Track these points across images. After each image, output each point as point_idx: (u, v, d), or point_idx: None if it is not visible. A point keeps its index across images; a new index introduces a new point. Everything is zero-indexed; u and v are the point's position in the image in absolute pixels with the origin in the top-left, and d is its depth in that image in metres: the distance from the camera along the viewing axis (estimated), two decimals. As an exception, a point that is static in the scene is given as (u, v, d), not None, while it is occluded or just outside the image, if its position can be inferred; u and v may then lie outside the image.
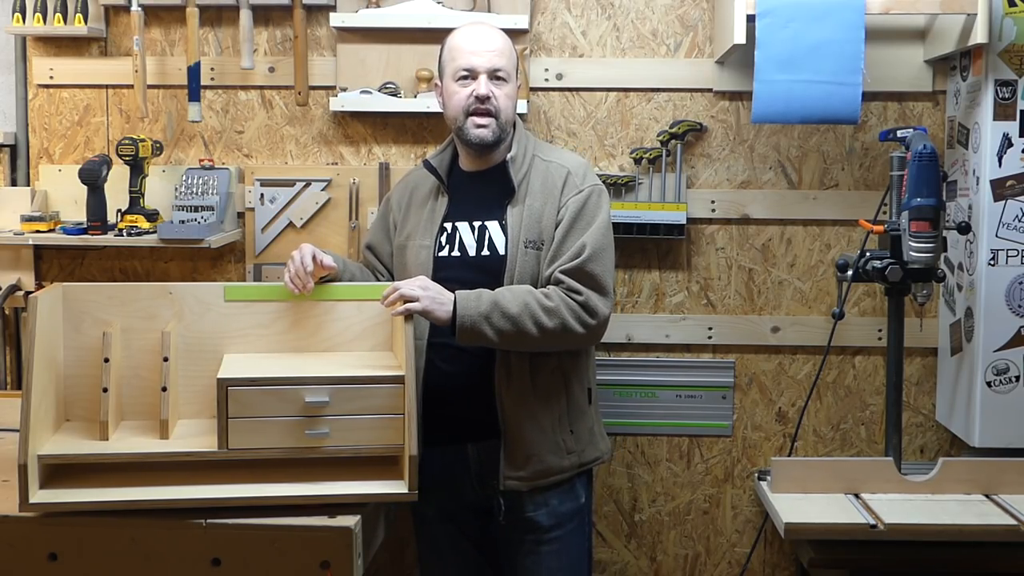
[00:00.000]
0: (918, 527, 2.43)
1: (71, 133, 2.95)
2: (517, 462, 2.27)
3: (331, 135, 2.92)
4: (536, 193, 2.29)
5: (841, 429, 2.93)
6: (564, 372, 2.31)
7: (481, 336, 2.17)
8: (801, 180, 2.88)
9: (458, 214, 2.34)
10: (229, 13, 2.89)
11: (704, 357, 2.93)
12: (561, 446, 2.30)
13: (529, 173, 2.32)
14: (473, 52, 2.28)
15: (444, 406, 2.29)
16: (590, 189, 2.30)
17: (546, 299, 2.19)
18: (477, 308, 2.16)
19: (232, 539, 2.02)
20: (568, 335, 2.20)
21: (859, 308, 2.89)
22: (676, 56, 2.86)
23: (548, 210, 2.28)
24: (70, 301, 2.24)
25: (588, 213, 2.27)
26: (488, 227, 2.30)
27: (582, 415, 2.35)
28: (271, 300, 2.33)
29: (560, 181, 2.29)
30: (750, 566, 2.94)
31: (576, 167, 2.33)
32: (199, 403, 2.27)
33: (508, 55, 2.31)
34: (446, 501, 2.37)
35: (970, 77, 2.67)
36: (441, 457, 2.32)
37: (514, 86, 2.33)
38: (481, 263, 2.29)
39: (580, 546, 2.40)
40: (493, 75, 2.28)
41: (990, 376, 2.62)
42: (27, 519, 2.02)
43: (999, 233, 2.60)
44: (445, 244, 2.33)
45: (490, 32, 2.33)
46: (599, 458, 2.41)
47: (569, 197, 2.28)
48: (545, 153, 2.37)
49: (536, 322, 2.17)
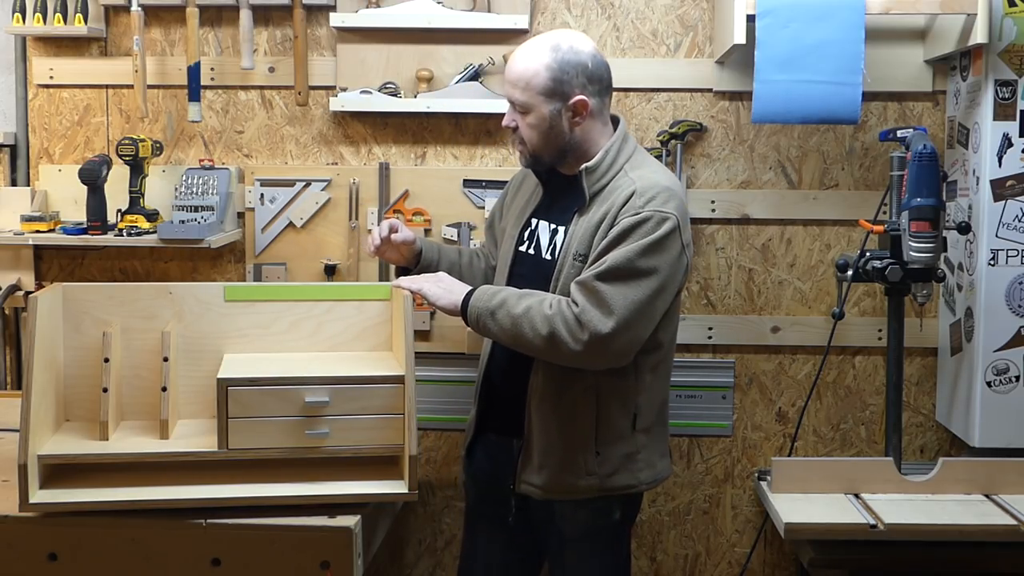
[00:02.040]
0: (918, 527, 2.43)
1: (71, 133, 2.95)
2: (530, 468, 2.24)
3: (331, 135, 2.92)
4: (603, 207, 2.18)
5: (841, 429, 2.93)
6: (600, 392, 2.19)
7: (486, 330, 2.18)
8: (801, 180, 2.88)
9: (543, 213, 2.32)
10: (229, 13, 2.89)
11: (704, 357, 2.93)
12: (581, 466, 2.20)
13: (608, 186, 2.19)
14: (504, 79, 2.26)
15: (501, 398, 2.32)
16: (651, 213, 2.10)
17: (548, 307, 2.11)
18: (487, 303, 2.16)
19: (232, 539, 2.02)
20: (560, 346, 2.08)
21: (859, 308, 2.89)
22: (676, 56, 2.86)
23: (603, 226, 2.15)
24: (70, 301, 2.24)
25: (635, 235, 2.09)
26: (559, 231, 2.25)
27: (618, 439, 2.21)
28: (271, 300, 2.33)
29: (623, 198, 2.14)
30: (750, 566, 2.94)
31: (646, 187, 2.14)
32: (199, 403, 2.27)
33: (524, 86, 2.18)
34: (491, 488, 2.36)
35: (970, 77, 2.67)
36: (491, 446, 2.34)
37: (540, 114, 2.18)
38: (545, 265, 2.25)
39: (610, 564, 2.33)
40: (514, 107, 2.22)
41: (990, 376, 2.62)
42: (27, 519, 2.03)
43: (999, 233, 2.60)
44: (526, 239, 2.32)
45: (520, 57, 2.21)
46: (634, 486, 2.25)
47: (625, 216, 2.11)
48: (634, 168, 2.21)
49: (532, 326, 2.10)
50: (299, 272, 2.91)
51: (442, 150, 2.91)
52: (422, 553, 3.00)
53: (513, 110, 2.23)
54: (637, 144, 2.30)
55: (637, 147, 2.28)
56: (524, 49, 2.22)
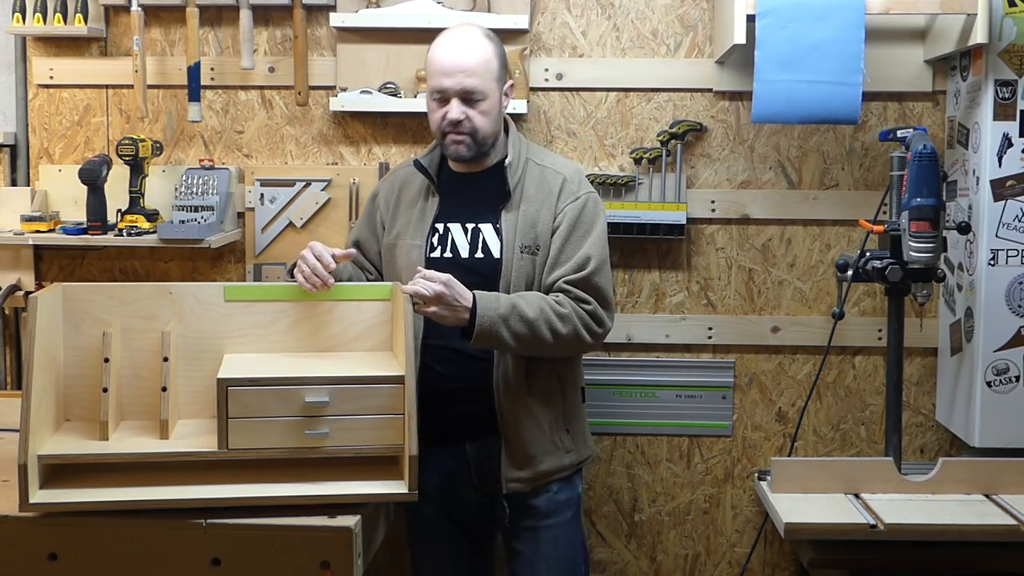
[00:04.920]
0: (918, 527, 2.43)
1: (71, 133, 2.95)
2: (519, 463, 2.28)
3: (331, 135, 2.92)
4: (531, 198, 2.29)
5: (841, 429, 2.93)
6: (559, 374, 2.34)
7: (497, 338, 2.17)
8: (801, 180, 2.88)
9: (450, 215, 2.33)
10: (229, 13, 2.89)
11: (704, 357, 2.93)
12: (560, 445, 2.33)
13: (524, 177, 2.31)
14: (445, 73, 2.21)
15: (442, 407, 2.29)
16: (586, 196, 2.31)
17: (559, 306, 2.21)
18: (496, 309, 2.16)
19: (232, 539, 2.02)
20: (579, 343, 2.24)
21: (859, 308, 2.89)
22: (676, 56, 2.86)
23: (544, 215, 2.28)
24: (70, 301, 2.24)
25: (586, 221, 2.29)
26: (482, 229, 2.30)
27: (577, 414, 2.39)
28: (271, 300, 2.33)
29: (556, 187, 2.30)
30: (750, 566, 2.94)
31: (571, 173, 2.33)
32: (199, 403, 2.27)
33: (482, 71, 2.22)
34: (445, 500, 2.37)
35: (970, 77, 2.67)
36: (440, 456, 2.32)
37: (494, 99, 2.25)
38: (474, 266, 2.28)
39: (577, 534, 2.42)
40: (465, 97, 2.22)
41: (990, 376, 2.62)
42: (27, 519, 2.02)
43: (999, 233, 2.60)
44: (437, 245, 2.32)
45: (464, 47, 2.23)
46: (591, 456, 2.46)
47: (566, 204, 2.28)
48: (539, 157, 2.36)
49: (551, 328, 2.18)
50: (299, 272, 2.90)
51: (442, 150, 2.90)
52: (422, 553, 2.99)
53: (461, 102, 2.22)
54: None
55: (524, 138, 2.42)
56: (463, 39, 2.24)
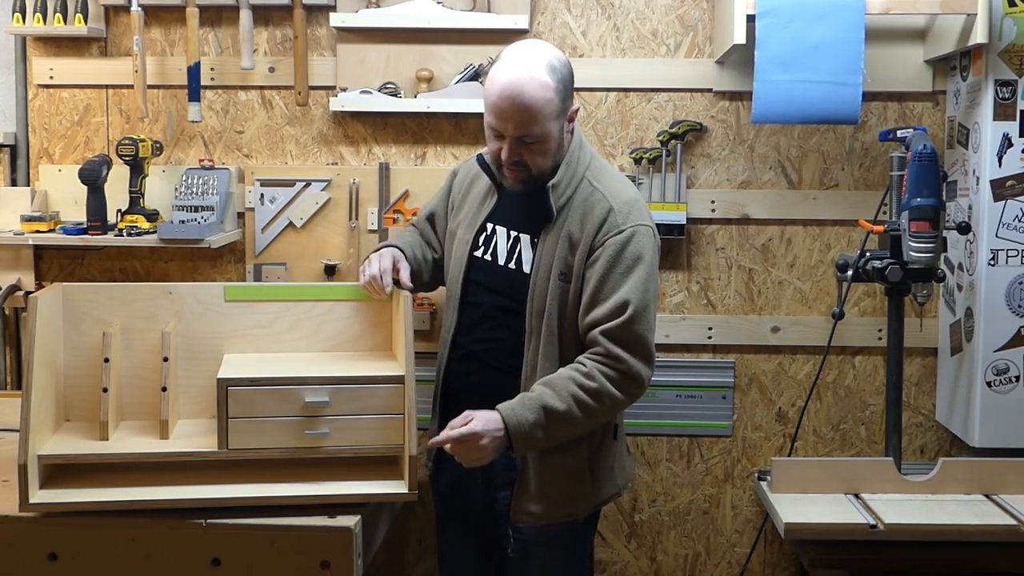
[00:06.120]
0: (918, 527, 2.43)
1: (71, 133, 2.95)
2: (527, 499, 2.19)
3: (331, 135, 2.92)
4: (575, 222, 2.14)
5: (841, 429, 2.93)
6: None
7: (536, 444, 2.08)
8: (801, 180, 2.88)
9: (500, 218, 2.26)
10: (229, 13, 2.89)
11: (704, 357, 2.93)
12: (579, 490, 2.21)
13: (573, 197, 2.16)
14: (503, 116, 2.06)
15: (463, 406, 2.18)
16: (633, 229, 2.12)
17: (588, 379, 2.07)
18: (527, 418, 2.04)
19: (232, 539, 2.02)
20: (616, 407, 2.12)
21: (859, 308, 2.89)
22: (676, 56, 2.86)
23: (583, 244, 2.13)
24: (70, 301, 2.25)
25: (629, 258, 2.10)
26: (521, 240, 2.21)
27: (604, 453, 2.24)
28: (271, 300, 2.33)
29: (599, 217, 2.12)
30: (750, 566, 2.94)
31: (621, 204, 2.14)
32: (199, 403, 2.27)
33: (541, 116, 2.06)
34: (458, 502, 2.36)
35: (970, 77, 2.67)
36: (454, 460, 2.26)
37: (553, 137, 2.11)
38: (507, 276, 2.20)
39: (582, 551, 2.36)
40: (521, 139, 2.08)
41: (990, 376, 2.62)
42: (27, 519, 2.03)
43: (999, 233, 2.60)
44: (482, 244, 2.27)
45: (522, 88, 2.04)
46: (616, 493, 2.31)
47: (608, 236, 2.11)
48: (596, 176, 2.19)
49: (587, 411, 2.07)
50: (299, 272, 2.91)
51: (442, 150, 2.91)
52: (422, 553, 3.00)
53: (517, 144, 2.09)
54: (592, 149, 2.26)
55: (593, 153, 2.25)
56: (522, 77, 2.05)
